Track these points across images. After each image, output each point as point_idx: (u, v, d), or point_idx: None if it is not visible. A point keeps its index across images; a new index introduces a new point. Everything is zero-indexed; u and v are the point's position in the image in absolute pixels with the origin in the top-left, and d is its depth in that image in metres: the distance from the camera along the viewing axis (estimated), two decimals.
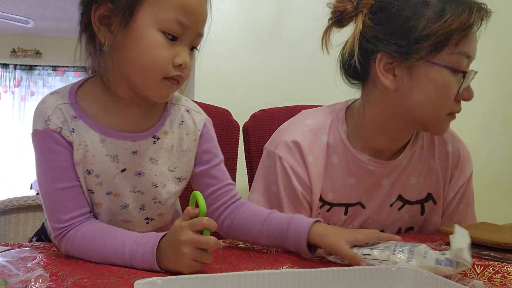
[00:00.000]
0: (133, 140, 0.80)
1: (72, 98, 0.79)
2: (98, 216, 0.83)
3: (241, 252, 0.83)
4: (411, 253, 0.71)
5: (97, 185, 0.80)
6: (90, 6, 0.75)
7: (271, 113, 1.46)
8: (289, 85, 1.87)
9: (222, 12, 1.85)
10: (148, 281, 0.51)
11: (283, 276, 0.56)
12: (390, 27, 0.87)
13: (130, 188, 0.82)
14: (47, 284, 0.59)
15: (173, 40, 0.74)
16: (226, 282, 0.54)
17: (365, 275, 0.58)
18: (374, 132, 0.95)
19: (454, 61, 0.85)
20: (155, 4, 0.73)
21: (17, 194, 1.53)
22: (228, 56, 1.85)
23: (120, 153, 0.80)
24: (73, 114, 0.78)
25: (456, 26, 0.82)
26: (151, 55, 0.73)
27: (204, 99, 1.54)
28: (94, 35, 0.77)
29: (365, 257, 0.72)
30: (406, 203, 1.01)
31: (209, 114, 1.43)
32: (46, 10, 4.81)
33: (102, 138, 0.78)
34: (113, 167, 0.80)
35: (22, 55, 5.79)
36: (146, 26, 0.73)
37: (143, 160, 0.81)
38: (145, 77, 0.75)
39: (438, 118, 0.89)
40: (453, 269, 0.66)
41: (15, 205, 1.64)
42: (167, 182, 0.85)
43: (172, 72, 0.75)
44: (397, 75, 0.88)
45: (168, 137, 0.84)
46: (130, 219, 0.85)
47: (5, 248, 0.76)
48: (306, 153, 0.95)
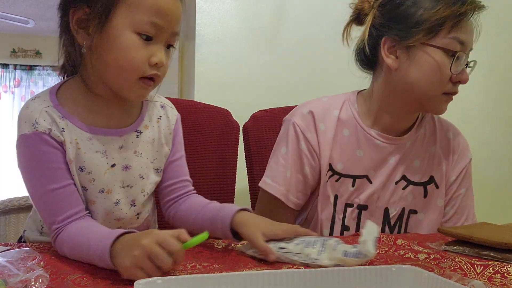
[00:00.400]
0: (119, 135, 0.84)
1: (54, 100, 0.82)
2: (92, 214, 0.84)
3: (241, 252, 0.83)
4: (323, 246, 0.75)
5: (90, 182, 0.82)
6: (68, 9, 0.79)
7: (271, 113, 1.46)
8: (289, 85, 1.87)
9: (222, 12, 1.85)
10: (148, 281, 0.52)
11: (283, 276, 0.56)
12: (393, 15, 1.01)
13: (119, 183, 0.85)
14: (47, 284, 0.59)
15: (148, 40, 0.77)
16: (226, 282, 0.54)
17: (365, 275, 0.58)
18: (381, 110, 1.07)
19: (447, 44, 0.97)
20: (130, 7, 0.76)
21: (17, 194, 1.53)
22: (228, 56, 1.85)
23: (108, 149, 0.83)
24: (59, 115, 0.80)
25: (448, 14, 0.95)
26: (127, 56, 0.77)
27: (204, 99, 1.54)
28: (73, 37, 0.80)
29: (281, 250, 0.76)
30: (410, 183, 1.09)
31: (209, 114, 1.43)
32: (46, 10, 4.81)
33: (90, 136, 0.82)
34: (104, 163, 0.83)
35: (22, 55, 5.79)
36: (122, 29, 0.76)
37: (128, 154, 0.86)
38: (122, 77, 0.79)
39: (434, 96, 1.00)
40: (359, 259, 0.70)
41: (15, 205, 1.64)
42: (150, 173, 0.90)
43: (148, 71, 0.78)
44: (399, 56, 1.01)
45: (149, 131, 0.89)
46: (123, 217, 0.87)
47: (5, 248, 0.76)
48: (318, 122, 1.07)
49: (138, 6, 0.76)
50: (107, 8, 0.76)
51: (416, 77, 0.99)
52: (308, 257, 0.73)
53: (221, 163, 1.40)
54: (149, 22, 0.76)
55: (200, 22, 1.83)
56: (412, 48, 0.99)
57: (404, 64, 1.00)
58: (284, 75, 1.89)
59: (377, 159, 1.07)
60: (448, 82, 0.98)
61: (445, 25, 0.96)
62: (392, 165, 1.07)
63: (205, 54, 1.83)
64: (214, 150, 1.39)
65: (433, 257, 0.79)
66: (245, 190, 1.45)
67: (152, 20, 0.76)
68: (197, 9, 1.82)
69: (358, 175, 1.07)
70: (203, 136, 1.40)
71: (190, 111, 1.41)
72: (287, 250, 0.75)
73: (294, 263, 0.74)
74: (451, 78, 0.98)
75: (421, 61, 0.98)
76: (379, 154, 1.07)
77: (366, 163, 1.07)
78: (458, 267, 0.74)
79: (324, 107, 1.09)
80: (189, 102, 1.47)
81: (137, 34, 0.76)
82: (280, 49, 1.90)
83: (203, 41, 1.83)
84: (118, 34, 0.76)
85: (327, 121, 1.07)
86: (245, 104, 1.67)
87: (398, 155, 1.08)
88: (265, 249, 0.75)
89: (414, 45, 0.98)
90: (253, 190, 1.41)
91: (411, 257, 0.80)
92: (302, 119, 1.08)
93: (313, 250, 0.74)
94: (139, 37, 0.76)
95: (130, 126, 0.86)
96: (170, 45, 0.82)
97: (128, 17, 0.76)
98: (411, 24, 0.98)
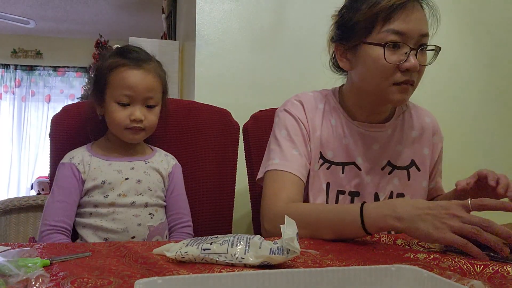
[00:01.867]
0: (129, 160, 1.22)
1: (89, 147, 1.23)
2: (115, 213, 1.15)
3: None
4: (248, 244, 0.74)
5: (111, 190, 1.16)
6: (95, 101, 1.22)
7: (271, 113, 1.46)
8: (289, 85, 1.87)
9: (222, 12, 1.85)
10: (148, 281, 0.52)
11: (283, 276, 0.56)
12: (338, 24, 1.13)
13: (134, 192, 1.18)
14: (47, 284, 0.59)
15: (127, 105, 1.16)
16: (226, 282, 0.54)
17: (364, 275, 0.58)
18: (354, 105, 1.17)
19: (382, 37, 1.03)
20: (112, 87, 1.16)
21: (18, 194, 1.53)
22: (228, 56, 1.85)
23: (122, 168, 1.20)
24: (89, 154, 1.20)
25: (377, 10, 1.02)
26: (114, 118, 1.16)
27: (204, 99, 1.54)
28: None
29: (205, 252, 0.74)
30: (395, 168, 1.18)
31: (209, 114, 1.43)
32: (47, 10, 4.81)
33: (109, 163, 1.20)
34: (119, 176, 1.18)
35: (23, 55, 5.80)
36: (109, 101, 1.17)
37: (139, 173, 1.21)
38: (115, 131, 1.20)
39: (384, 88, 1.06)
40: (285, 257, 0.70)
41: (15, 205, 1.64)
42: (157, 189, 1.23)
43: (131, 124, 1.16)
44: (349, 58, 1.12)
45: (155, 163, 1.26)
46: (139, 214, 1.17)
47: (5, 248, 0.76)
48: (307, 111, 1.16)
49: (116, 86, 1.15)
50: (101, 91, 1.18)
51: (363, 73, 1.09)
52: (233, 256, 0.72)
53: (221, 163, 1.40)
54: (122, 95, 1.15)
55: (200, 22, 1.83)
56: (356, 49, 1.08)
57: (354, 64, 1.10)
58: (284, 75, 1.89)
59: (361, 146, 1.15)
60: (395, 72, 1.04)
61: (377, 22, 1.03)
62: (377, 151, 1.16)
63: (205, 54, 1.83)
64: (214, 150, 1.40)
65: (433, 257, 0.79)
66: (245, 190, 1.45)
67: (125, 94, 1.15)
68: (197, 9, 1.83)
69: (347, 161, 1.15)
70: (203, 136, 1.40)
71: (190, 111, 1.41)
72: (212, 251, 0.74)
73: (220, 264, 0.73)
74: (399, 67, 1.03)
75: (364, 58, 1.07)
76: (363, 142, 1.16)
77: (352, 150, 1.15)
78: (458, 267, 0.74)
79: (310, 99, 1.19)
80: (189, 102, 1.47)
81: (117, 103, 1.15)
82: (280, 49, 1.90)
83: (203, 41, 1.83)
84: (107, 105, 1.17)
85: (315, 111, 1.17)
86: (245, 104, 1.67)
87: (381, 142, 1.17)
88: None
89: (357, 46, 1.07)
90: (253, 190, 1.41)
91: (411, 257, 0.80)
92: (293, 106, 1.17)
93: (238, 249, 0.73)
94: (118, 105, 1.15)
95: (139, 156, 1.24)
96: (149, 105, 1.18)
97: (111, 93, 1.16)
98: (350, 27, 1.08)
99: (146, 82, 1.16)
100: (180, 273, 0.67)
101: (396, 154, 1.18)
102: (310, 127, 1.15)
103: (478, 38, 2.14)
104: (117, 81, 1.15)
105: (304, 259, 0.78)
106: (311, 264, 0.75)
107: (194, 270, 0.70)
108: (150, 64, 1.19)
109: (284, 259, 0.70)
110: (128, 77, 1.15)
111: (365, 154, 1.16)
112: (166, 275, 0.66)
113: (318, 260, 0.78)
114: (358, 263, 0.75)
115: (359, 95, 1.14)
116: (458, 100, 2.10)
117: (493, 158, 2.08)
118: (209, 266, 0.72)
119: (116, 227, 1.14)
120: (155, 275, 0.65)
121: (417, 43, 1.03)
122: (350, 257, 0.79)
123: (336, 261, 0.77)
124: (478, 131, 2.10)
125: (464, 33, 2.12)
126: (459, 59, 2.09)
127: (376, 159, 1.16)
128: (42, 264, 0.68)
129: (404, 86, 1.05)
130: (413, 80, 1.05)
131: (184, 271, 0.68)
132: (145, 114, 1.17)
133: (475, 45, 2.14)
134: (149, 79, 1.17)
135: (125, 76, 1.15)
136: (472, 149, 2.05)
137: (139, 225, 1.16)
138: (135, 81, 1.15)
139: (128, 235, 1.15)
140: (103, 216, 1.14)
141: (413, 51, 1.03)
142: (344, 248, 0.86)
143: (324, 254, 0.81)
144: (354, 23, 1.07)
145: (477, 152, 2.07)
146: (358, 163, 1.15)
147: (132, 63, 1.16)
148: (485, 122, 2.12)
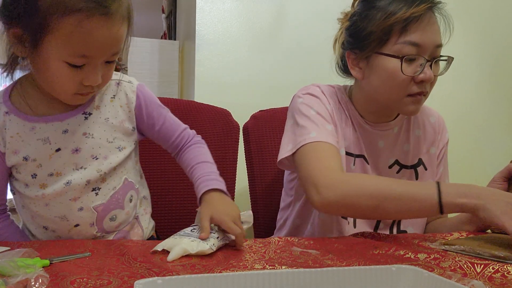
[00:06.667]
0: (60, 120, 0.88)
1: (6, 96, 0.89)
2: (46, 196, 0.89)
3: (241, 252, 0.83)
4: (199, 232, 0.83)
5: (37, 167, 0.88)
6: (4, 23, 0.81)
7: (271, 113, 1.46)
8: (289, 85, 1.86)
9: (222, 12, 1.85)
10: (148, 281, 0.51)
11: (283, 276, 0.56)
12: (351, 31, 1.09)
13: (73, 166, 0.89)
14: (47, 284, 0.59)
15: (78, 67, 0.80)
16: (226, 282, 0.54)
17: (365, 275, 0.58)
18: (362, 109, 1.16)
19: (399, 49, 1.01)
20: (58, 39, 0.77)
21: None
22: (228, 56, 1.85)
23: (50, 135, 0.88)
24: (5, 110, 0.88)
25: (393, 22, 1.00)
26: (57, 82, 0.82)
27: (204, 99, 1.54)
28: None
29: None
30: (403, 167, 1.18)
31: (209, 114, 1.43)
32: None
33: (32, 126, 0.87)
34: (47, 149, 0.88)
35: None
36: (51, 58, 0.79)
37: (75, 137, 0.89)
38: (56, 93, 0.86)
39: (397, 99, 1.05)
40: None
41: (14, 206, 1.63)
42: (108, 153, 0.92)
43: (83, 90, 0.84)
44: (361, 67, 1.09)
45: (101, 111, 0.92)
46: (77, 196, 0.90)
47: (5, 248, 0.76)
48: (328, 96, 1.14)
49: (67, 40, 0.77)
50: (36, 38, 0.78)
51: (376, 84, 1.07)
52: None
53: (221, 163, 1.39)
54: (78, 54, 0.78)
55: (200, 22, 1.83)
56: (370, 59, 1.06)
57: (367, 74, 1.08)
58: (284, 75, 1.89)
59: (368, 142, 1.15)
60: (410, 84, 1.03)
61: (393, 33, 1.01)
62: (382, 149, 1.16)
63: (205, 54, 1.83)
64: (214, 150, 1.39)
65: (433, 257, 0.79)
66: (245, 190, 1.45)
67: (81, 53, 0.78)
68: (197, 9, 1.83)
69: (357, 154, 1.15)
70: (203, 136, 1.39)
71: (190, 111, 1.41)
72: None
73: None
74: (413, 79, 1.02)
75: (378, 69, 1.05)
76: (370, 137, 1.16)
77: (362, 144, 1.15)
78: (458, 266, 0.74)
79: (328, 89, 1.17)
80: (189, 102, 1.47)
81: (66, 63, 0.79)
82: (280, 49, 1.90)
83: (203, 41, 1.83)
84: (47, 62, 0.80)
85: (330, 100, 1.14)
86: (245, 104, 1.67)
87: (386, 140, 1.16)
88: (203, 229, 0.82)
89: (371, 56, 1.05)
90: (253, 190, 1.41)
91: (411, 257, 0.80)
92: (316, 92, 1.14)
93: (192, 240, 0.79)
94: (68, 65, 0.79)
95: (74, 110, 0.89)
96: (110, 61, 0.84)
97: (57, 48, 0.78)
98: (363, 36, 1.05)
99: (113, 35, 0.80)
100: (180, 273, 0.67)
101: (403, 154, 1.18)
102: (333, 112, 1.13)
103: (484, 40, 2.14)
104: (70, 36, 0.76)
105: (305, 259, 0.78)
106: (312, 264, 0.75)
107: (194, 270, 0.70)
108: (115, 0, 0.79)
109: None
110: (87, 33, 0.76)
111: (371, 150, 1.15)
112: (166, 275, 0.66)
113: (318, 260, 0.78)
114: (359, 263, 0.75)
115: (369, 102, 1.13)
116: (465, 101, 2.10)
117: (501, 159, 2.07)
118: (209, 266, 0.72)
119: (53, 216, 0.91)
120: (155, 275, 0.65)
121: (432, 55, 1.03)
122: (351, 257, 0.79)
123: (337, 261, 0.77)
124: (485, 133, 2.09)
125: (470, 35, 2.11)
126: (465, 60, 2.08)
127: (382, 156, 1.16)
128: (42, 264, 0.68)
129: (418, 98, 1.04)
130: (426, 91, 1.05)
131: (184, 271, 0.68)
132: (103, 73, 0.83)
133: (480, 47, 2.14)
134: (116, 29, 0.80)
135: (83, 31, 0.76)
136: (479, 151, 2.05)
137: (80, 210, 0.91)
138: (98, 37, 0.78)
139: (69, 224, 0.91)
140: (36, 201, 0.90)
141: (428, 62, 1.02)
142: (344, 248, 0.86)
143: (325, 254, 0.81)
144: (368, 32, 1.04)
145: (484, 154, 2.07)
146: (366, 157, 1.15)
147: (93, 4, 0.76)
148: (492, 123, 2.12)
